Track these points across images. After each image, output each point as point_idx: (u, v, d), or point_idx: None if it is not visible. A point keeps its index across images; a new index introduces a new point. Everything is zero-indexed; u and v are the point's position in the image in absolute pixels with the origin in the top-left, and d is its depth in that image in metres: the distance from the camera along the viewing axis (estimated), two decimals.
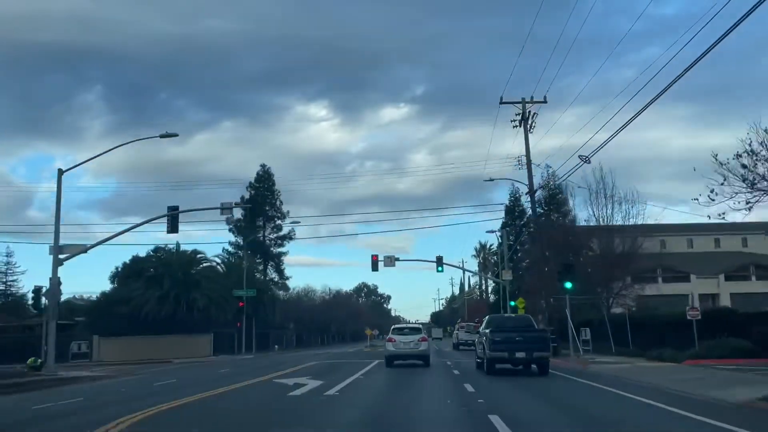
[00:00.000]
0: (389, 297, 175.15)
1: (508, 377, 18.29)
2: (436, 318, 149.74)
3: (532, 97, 33.58)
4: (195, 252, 42.60)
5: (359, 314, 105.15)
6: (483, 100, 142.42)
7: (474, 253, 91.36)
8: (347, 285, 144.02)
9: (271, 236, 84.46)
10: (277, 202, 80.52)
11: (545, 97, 34.13)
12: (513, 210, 62.45)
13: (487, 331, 19.97)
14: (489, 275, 77.61)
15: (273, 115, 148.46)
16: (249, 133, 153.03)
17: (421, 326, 30.56)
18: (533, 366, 19.29)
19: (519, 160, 35.08)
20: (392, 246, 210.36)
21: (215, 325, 41.18)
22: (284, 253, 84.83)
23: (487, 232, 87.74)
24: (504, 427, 9.02)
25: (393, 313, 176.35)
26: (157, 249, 42.02)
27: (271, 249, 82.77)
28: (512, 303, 41.16)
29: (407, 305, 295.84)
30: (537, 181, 34.81)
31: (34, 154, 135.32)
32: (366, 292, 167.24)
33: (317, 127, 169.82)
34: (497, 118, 59.28)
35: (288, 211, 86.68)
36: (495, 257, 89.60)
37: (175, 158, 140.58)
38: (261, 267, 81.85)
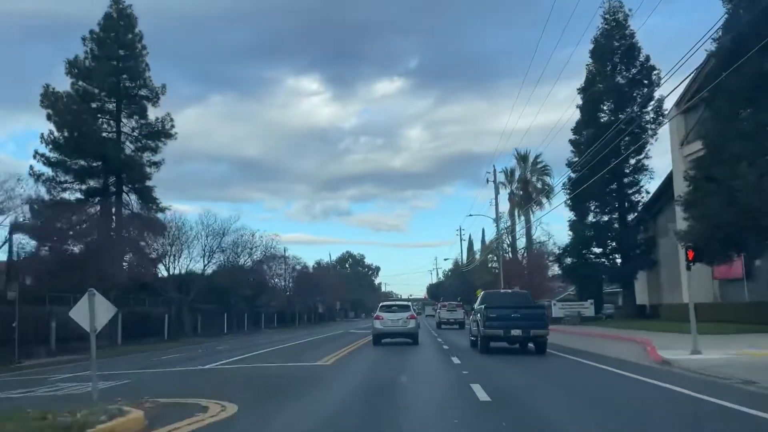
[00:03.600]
0: (378, 269, 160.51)
1: None
2: (435, 291, 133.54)
3: None
4: None
5: (325, 287, 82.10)
6: (479, 72, 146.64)
7: (503, 180, 52.55)
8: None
9: (133, 133, 48.94)
10: (141, 65, 49.19)
11: None
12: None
13: (482, 307, 20.35)
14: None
15: (263, 88, 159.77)
16: (239, 108, 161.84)
17: (409, 303, 30.17)
18: (530, 345, 20.23)
19: None
20: (387, 223, 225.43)
21: None
22: (157, 164, 49.82)
23: None
24: None
25: (383, 288, 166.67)
26: None
27: (132, 156, 48.12)
28: None
29: (400, 279, 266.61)
30: None
31: (20, 127, 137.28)
32: (351, 262, 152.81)
33: (308, 101, 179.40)
34: None
35: (164, 86, 51.20)
36: (545, 179, 50.62)
37: None
38: (113, 189, 47.30)
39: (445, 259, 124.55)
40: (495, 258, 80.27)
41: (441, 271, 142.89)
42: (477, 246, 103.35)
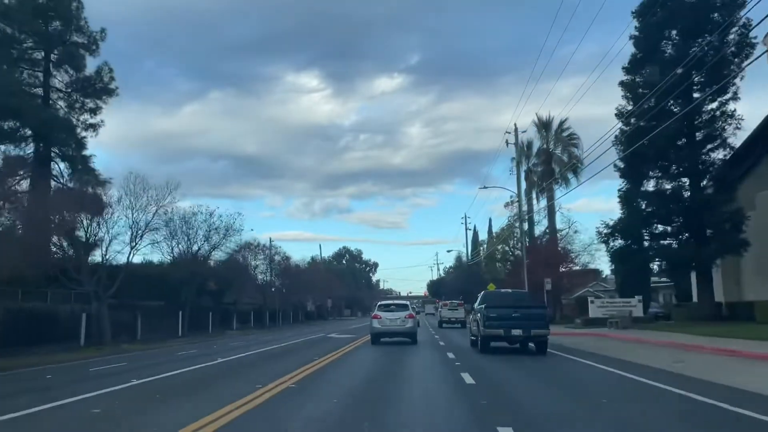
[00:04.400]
0: (376, 264, 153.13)
1: None
2: (436, 288, 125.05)
3: None
4: None
5: (316, 283, 72.68)
6: (480, 69, 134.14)
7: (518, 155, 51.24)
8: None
9: (66, 89, 40.23)
10: (74, 4, 40.69)
11: None
12: None
13: (482, 307, 20.53)
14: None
15: (262, 85, 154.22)
16: (238, 105, 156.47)
17: (408, 302, 29.20)
18: (530, 345, 20.24)
19: None
20: (388, 221, 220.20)
21: None
22: (94, 127, 40.87)
23: None
24: None
25: (381, 285, 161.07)
26: None
27: (64, 116, 39.44)
28: None
29: (399, 275, 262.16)
30: None
31: None
32: (348, 258, 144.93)
33: (308, 98, 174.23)
34: None
35: (103, 31, 41.81)
36: (572, 150, 38.74)
37: (164, 130, 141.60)
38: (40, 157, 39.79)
39: (448, 251, 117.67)
40: (507, 248, 70.58)
41: (442, 268, 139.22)
42: (483, 237, 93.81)
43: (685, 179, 30.68)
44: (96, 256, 33.53)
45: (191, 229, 40.46)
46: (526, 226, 50.90)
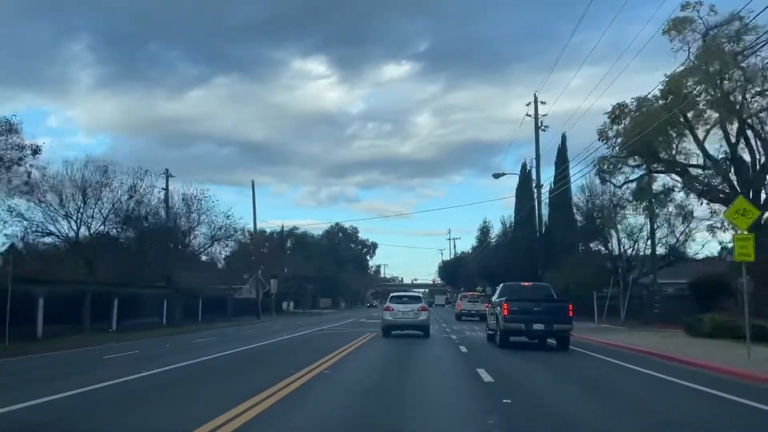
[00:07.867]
0: (374, 245, 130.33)
1: None
2: (450, 272, 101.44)
3: None
4: None
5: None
6: (490, 57, 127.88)
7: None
8: None
9: None
10: None
11: None
12: None
13: (502, 300, 20.14)
14: None
15: (268, 70, 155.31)
16: (244, 90, 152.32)
17: (420, 295, 31.27)
18: (549, 340, 19.94)
19: None
20: (393, 210, 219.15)
21: None
22: None
23: None
24: None
25: (383, 273, 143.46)
26: None
27: None
28: None
29: (402, 261, 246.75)
30: None
31: (22, 107, 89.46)
32: (341, 237, 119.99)
33: (315, 84, 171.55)
34: None
35: None
36: None
37: (169, 115, 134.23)
38: None
39: (495, 175, 77.86)
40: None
41: (456, 244, 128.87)
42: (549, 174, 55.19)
43: None
44: None
45: None
46: None
